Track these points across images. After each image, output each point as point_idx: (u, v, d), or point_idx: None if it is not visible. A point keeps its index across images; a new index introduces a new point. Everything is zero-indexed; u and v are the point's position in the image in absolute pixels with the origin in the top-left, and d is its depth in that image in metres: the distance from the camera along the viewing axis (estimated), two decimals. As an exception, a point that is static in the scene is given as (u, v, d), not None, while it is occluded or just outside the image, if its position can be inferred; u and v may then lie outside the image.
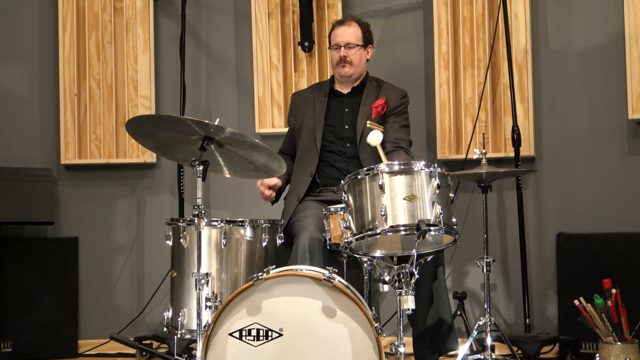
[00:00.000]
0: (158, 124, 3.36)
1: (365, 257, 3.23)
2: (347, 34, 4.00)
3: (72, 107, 4.89)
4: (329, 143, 3.99)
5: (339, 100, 4.07)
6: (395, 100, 4.00)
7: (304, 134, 4.04)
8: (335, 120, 4.02)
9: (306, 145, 4.01)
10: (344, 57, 3.98)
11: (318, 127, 3.99)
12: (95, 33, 4.93)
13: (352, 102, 4.04)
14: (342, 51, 3.98)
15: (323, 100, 4.06)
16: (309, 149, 4.00)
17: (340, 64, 4.00)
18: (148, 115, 4.41)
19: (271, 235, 3.62)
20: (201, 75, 5.02)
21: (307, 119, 4.05)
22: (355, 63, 4.01)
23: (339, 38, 4.00)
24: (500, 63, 4.64)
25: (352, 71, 4.01)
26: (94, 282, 4.91)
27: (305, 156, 4.00)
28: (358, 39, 4.01)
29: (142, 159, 4.91)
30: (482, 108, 4.62)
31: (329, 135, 3.99)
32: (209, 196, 4.94)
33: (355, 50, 4.00)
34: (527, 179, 4.64)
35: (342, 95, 4.08)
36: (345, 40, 3.98)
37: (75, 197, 4.96)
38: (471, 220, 4.65)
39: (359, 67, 4.03)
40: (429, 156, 4.75)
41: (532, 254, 4.62)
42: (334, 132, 4.00)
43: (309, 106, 4.08)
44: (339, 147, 3.98)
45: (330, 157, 3.97)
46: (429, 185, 3.08)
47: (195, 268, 3.30)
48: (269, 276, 3.05)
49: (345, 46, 3.98)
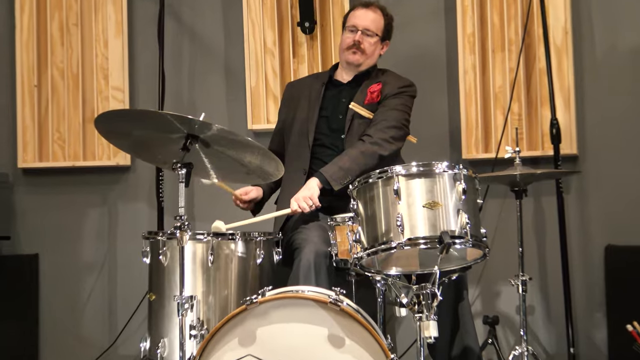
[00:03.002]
0: (133, 120, 3.36)
1: (379, 275, 3.22)
2: (369, 19, 4.05)
3: (32, 101, 4.90)
4: (321, 136, 4.01)
5: (337, 89, 4.11)
6: (392, 87, 4.01)
7: (295, 126, 4.07)
8: (329, 110, 4.05)
9: (297, 140, 4.05)
10: (358, 43, 4.02)
11: (311, 119, 4.03)
12: (58, 14, 4.94)
13: (350, 92, 4.06)
14: (358, 35, 4.02)
15: (319, 90, 4.10)
16: (300, 143, 4.03)
17: (350, 49, 4.03)
18: (121, 110, 4.42)
19: (267, 250, 3.61)
20: (183, 63, 5.03)
21: (300, 110, 4.09)
22: (368, 53, 4.04)
23: (358, 20, 4.04)
24: (535, 45, 4.64)
25: (362, 60, 4.05)
26: (58, 307, 4.91)
27: (296, 152, 4.03)
28: (378, 28, 4.06)
29: (114, 161, 4.91)
30: (514, 98, 4.62)
31: (322, 128, 4.03)
32: (193, 205, 4.94)
33: (372, 40, 4.04)
34: (569, 181, 4.64)
35: (341, 84, 4.10)
36: (365, 25, 4.03)
37: (35, 206, 4.96)
38: (503, 231, 4.65)
39: (370, 58, 4.07)
40: (453, 156, 4.75)
41: (576, 270, 4.61)
42: (327, 123, 4.03)
43: (304, 97, 4.12)
44: (331, 140, 4.00)
45: (323, 152, 3.99)
46: (453, 190, 3.07)
47: (177, 290, 3.29)
48: (264, 299, 3.04)
49: (363, 31, 4.02)
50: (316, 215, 3.84)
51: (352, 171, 3.72)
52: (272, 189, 4.12)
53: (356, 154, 3.81)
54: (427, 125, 4.63)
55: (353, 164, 3.77)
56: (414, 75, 4.21)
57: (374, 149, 3.83)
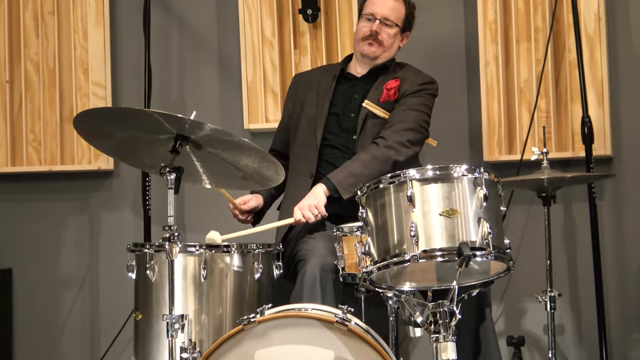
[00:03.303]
0: (116, 120, 3.36)
1: (391, 291, 3.23)
2: (389, 7, 4.04)
3: (3, 98, 4.91)
4: (331, 135, 4.01)
5: (350, 84, 4.11)
6: (411, 84, 4.01)
7: (302, 124, 4.08)
8: (340, 107, 4.05)
9: (304, 139, 4.05)
10: (375, 33, 4.01)
11: (320, 116, 4.03)
12: (32, 1, 4.95)
13: (364, 87, 4.07)
14: (376, 25, 4.01)
15: (330, 84, 4.10)
16: (307, 143, 4.03)
17: (367, 40, 4.03)
18: (102, 108, 4.42)
19: (266, 264, 3.62)
20: (172, 55, 5.04)
21: (308, 106, 4.09)
22: (386, 45, 4.04)
23: (377, 8, 4.03)
24: (564, 34, 4.64)
25: (378, 52, 4.05)
26: (34, 327, 4.92)
27: (303, 152, 4.03)
28: (399, 18, 4.06)
29: (96, 165, 4.92)
30: (541, 93, 4.63)
31: (332, 126, 4.03)
32: (184, 214, 4.95)
33: (391, 31, 4.04)
34: (602, 186, 4.64)
35: (355, 78, 4.10)
36: (384, 14, 4.02)
37: (8, 216, 4.97)
38: (529, 241, 4.65)
39: (388, 51, 4.07)
40: (473, 158, 4.76)
41: (611, 285, 4.61)
42: (337, 121, 4.03)
43: (312, 91, 4.12)
44: (341, 140, 4.00)
45: (332, 153, 3.99)
46: (473, 196, 3.08)
47: (166, 308, 3.29)
48: (263, 318, 3.05)
49: (382, 20, 4.02)
50: (323, 224, 3.84)
51: (363, 178, 3.64)
52: (273, 196, 4.11)
53: (369, 159, 3.79)
54: (445, 124, 4.62)
55: (365, 169, 3.75)
56: (430, 68, 4.22)
57: (388, 153, 3.82)
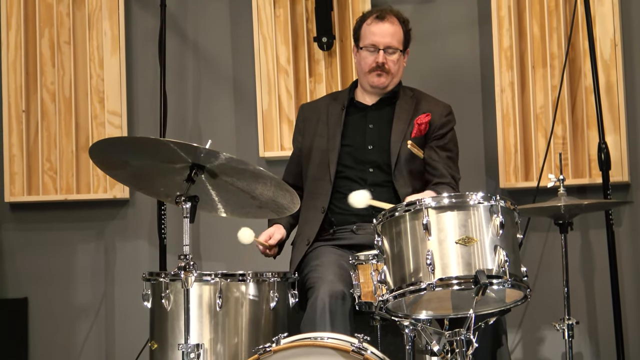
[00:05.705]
0: (131, 149, 3.38)
1: (407, 320, 3.22)
2: (389, 34, 4.01)
3: (19, 127, 4.93)
4: (345, 168, 4.00)
5: (361, 114, 4.09)
6: (440, 116, 4.01)
7: (314, 157, 4.06)
8: (354, 139, 4.04)
9: (317, 172, 4.04)
10: (382, 65, 4.00)
11: (332, 149, 4.02)
12: (49, 30, 4.98)
13: (378, 117, 4.06)
14: (381, 56, 3.98)
15: (339, 114, 4.08)
16: (320, 177, 4.02)
17: (375, 72, 4.01)
18: (118, 137, 4.44)
19: (282, 292, 3.62)
20: (187, 84, 5.06)
21: (318, 138, 4.08)
22: (394, 72, 4.03)
23: (379, 38, 4.00)
24: (580, 60, 4.64)
25: (388, 82, 4.03)
26: (49, 357, 4.92)
27: (316, 186, 4.03)
28: (399, 41, 4.03)
29: (111, 194, 4.93)
30: (558, 120, 4.63)
31: (345, 159, 4.01)
32: (199, 243, 4.96)
33: (395, 57, 4.01)
34: (620, 212, 4.63)
35: (366, 107, 4.09)
36: (387, 43, 3.99)
37: (24, 245, 4.98)
38: (546, 269, 4.64)
39: (397, 76, 4.06)
40: (489, 185, 4.75)
41: (630, 313, 4.60)
42: (353, 153, 4.02)
43: (321, 122, 4.11)
44: (358, 173, 3.99)
45: (347, 185, 3.95)
46: (489, 223, 3.08)
47: (181, 338, 3.30)
48: (279, 347, 3.05)
49: (386, 50, 4.00)
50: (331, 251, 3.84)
51: None
52: (292, 224, 4.09)
53: None
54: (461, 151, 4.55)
55: None
56: (445, 94, 4.23)
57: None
